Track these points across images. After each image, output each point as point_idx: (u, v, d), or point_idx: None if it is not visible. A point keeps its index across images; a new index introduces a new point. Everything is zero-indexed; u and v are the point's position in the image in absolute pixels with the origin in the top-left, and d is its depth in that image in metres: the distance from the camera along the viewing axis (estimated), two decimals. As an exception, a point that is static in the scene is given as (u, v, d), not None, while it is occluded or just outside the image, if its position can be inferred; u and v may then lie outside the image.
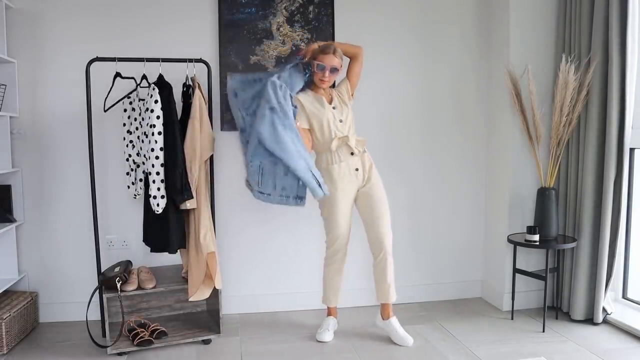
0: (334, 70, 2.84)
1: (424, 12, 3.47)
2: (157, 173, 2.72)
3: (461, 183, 3.62)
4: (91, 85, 2.86)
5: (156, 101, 2.69)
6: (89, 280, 3.21)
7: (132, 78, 2.90)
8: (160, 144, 2.72)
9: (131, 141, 2.91)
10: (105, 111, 2.96)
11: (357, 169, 2.91)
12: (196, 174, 2.80)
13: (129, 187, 3.00)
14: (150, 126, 2.70)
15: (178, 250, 2.96)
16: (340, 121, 2.89)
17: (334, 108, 2.90)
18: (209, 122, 2.88)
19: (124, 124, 2.93)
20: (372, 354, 2.82)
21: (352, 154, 2.88)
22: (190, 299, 2.84)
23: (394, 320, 2.99)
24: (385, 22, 3.43)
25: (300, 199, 2.77)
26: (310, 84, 2.93)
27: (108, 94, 2.92)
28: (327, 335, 3.00)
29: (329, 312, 3.13)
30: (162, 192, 2.74)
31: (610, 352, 2.77)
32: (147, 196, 2.80)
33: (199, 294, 2.84)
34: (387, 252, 2.92)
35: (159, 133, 2.71)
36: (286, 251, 3.45)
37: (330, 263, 3.02)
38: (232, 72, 3.25)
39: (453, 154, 3.59)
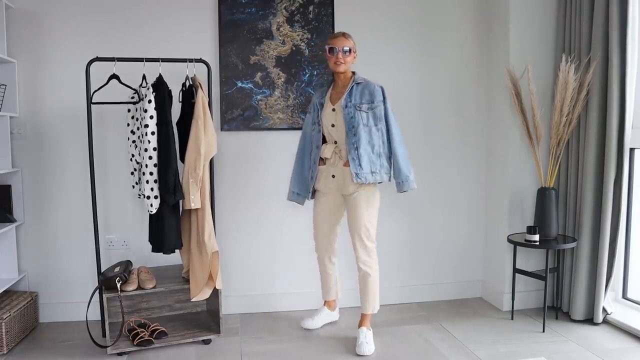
0: (347, 51, 2.75)
1: (424, 12, 3.47)
2: (151, 173, 2.73)
3: (461, 183, 3.62)
4: (91, 85, 2.85)
5: (150, 101, 2.69)
6: (89, 280, 3.21)
7: (129, 87, 2.89)
8: (154, 144, 2.72)
9: (134, 141, 2.91)
10: (92, 103, 2.87)
11: (333, 176, 2.87)
12: (201, 173, 2.79)
13: (133, 186, 3.00)
14: (144, 126, 2.70)
15: (177, 250, 2.96)
16: (332, 125, 2.84)
17: (333, 110, 2.85)
18: (212, 122, 2.88)
19: (128, 124, 2.93)
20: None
21: (327, 158, 2.88)
22: (193, 299, 2.84)
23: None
24: (385, 22, 3.43)
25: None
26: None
27: (98, 89, 2.88)
28: (309, 323, 3.11)
29: (324, 303, 3.23)
30: (156, 192, 2.74)
31: (610, 352, 2.77)
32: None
33: (201, 294, 2.84)
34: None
35: (152, 133, 2.71)
36: (286, 251, 3.45)
37: (318, 261, 3.14)
38: (232, 71, 3.25)
39: (453, 153, 3.59)
